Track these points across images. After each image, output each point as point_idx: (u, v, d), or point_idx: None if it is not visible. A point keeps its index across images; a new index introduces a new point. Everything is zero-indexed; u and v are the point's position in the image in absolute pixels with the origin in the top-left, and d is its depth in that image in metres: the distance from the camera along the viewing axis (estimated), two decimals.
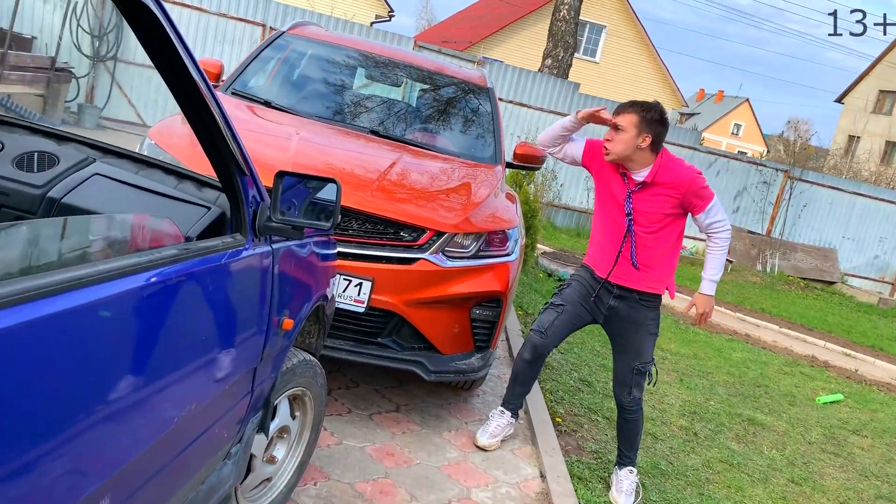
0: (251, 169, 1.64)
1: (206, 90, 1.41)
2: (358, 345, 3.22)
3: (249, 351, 1.76)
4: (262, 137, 3.55)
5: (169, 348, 1.39)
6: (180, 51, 1.32)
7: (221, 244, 1.54)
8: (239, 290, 1.66)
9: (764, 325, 8.94)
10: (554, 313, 3.41)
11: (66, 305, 1.06)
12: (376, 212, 3.16)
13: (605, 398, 4.74)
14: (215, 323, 1.57)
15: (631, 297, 3.32)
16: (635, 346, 3.35)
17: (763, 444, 4.78)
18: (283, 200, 1.73)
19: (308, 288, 2.12)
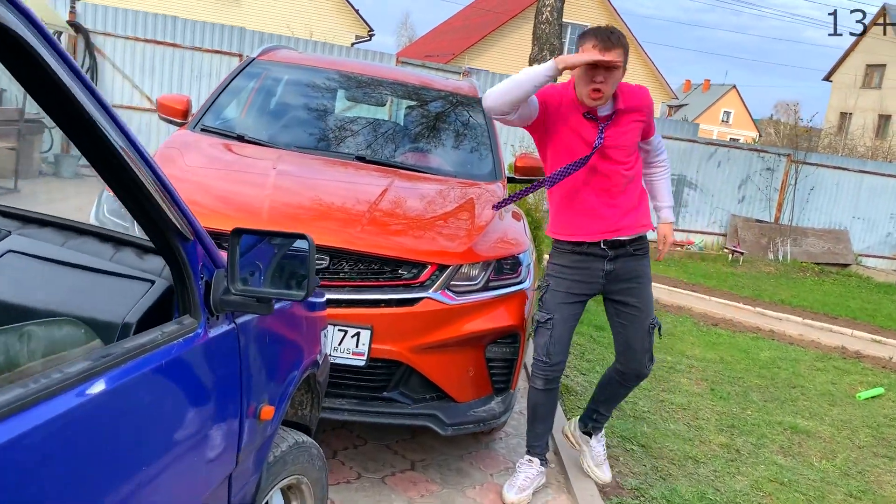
0: (197, 231, 1.28)
1: (118, 137, 1.04)
2: (361, 402, 2.83)
3: (220, 458, 1.39)
4: (235, 177, 3.18)
5: (104, 485, 1.02)
6: (74, 91, 0.96)
7: (161, 336, 1.17)
8: (195, 388, 1.29)
9: (786, 317, 8.57)
10: (546, 332, 3.04)
11: None
12: (369, 250, 2.78)
13: (636, 421, 4.37)
14: (167, 436, 1.20)
15: (624, 252, 3.05)
16: (644, 301, 3.13)
17: (811, 454, 4.40)
18: (244, 265, 1.36)
19: (291, 360, 1.74)
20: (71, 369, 0.98)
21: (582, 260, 3.04)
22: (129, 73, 10.39)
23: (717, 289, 9.88)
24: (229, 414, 1.40)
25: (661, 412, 4.65)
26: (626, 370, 3.24)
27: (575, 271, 3.05)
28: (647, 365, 3.23)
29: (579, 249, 3.04)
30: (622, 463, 3.77)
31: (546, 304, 3.05)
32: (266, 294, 1.38)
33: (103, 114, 1.03)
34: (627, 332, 3.16)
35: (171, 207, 1.19)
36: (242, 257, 1.36)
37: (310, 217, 2.88)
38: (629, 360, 3.21)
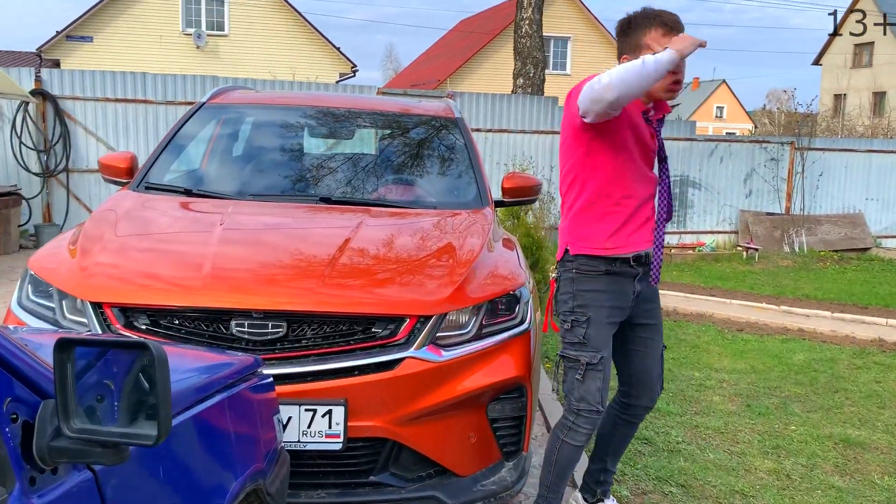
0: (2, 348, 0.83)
1: None
2: (344, 492, 2.36)
3: None
4: (176, 239, 2.75)
5: None
6: None
7: None
8: None
9: (814, 313, 8.07)
10: (598, 376, 2.57)
11: None
12: (334, 309, 2.34)
13: (671, 455, 3.91)
14: None
15: (645, 270, 2.69)
16: (660, 321, 2.89)
17: (871, 470, 3.93)
18: (85, 391, 0.92)
19: (210, 489, 1.28)
20: None
21: (615, 281, 2.60)
22: (103, 135, 10.06)
23: (736, 290, 9.40)
24: None
25: (696, 440, 4.18)
26: (637, 403, 2.86)
27: (611, 296, 2.61)
28: (658, 392, 2.93)
29: (613, 269, 2.59)
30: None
31: (592, 340, 2.56)
32: (109, 437, 0.93)
33: None
34: (646, 358, 2.80)
35: None
36: (80, 380, 0.92)
37: (259, 280, 2.42)
38: (643, 391, 2.84)
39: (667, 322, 7.32)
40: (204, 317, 2.31)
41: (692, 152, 12.20)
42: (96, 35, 22.93)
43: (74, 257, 2.54)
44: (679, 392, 5.07)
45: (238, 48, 23.51)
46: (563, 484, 2.72)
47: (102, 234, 2.68)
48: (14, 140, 9.58)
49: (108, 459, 0.94)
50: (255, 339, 2.29)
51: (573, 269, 2.61)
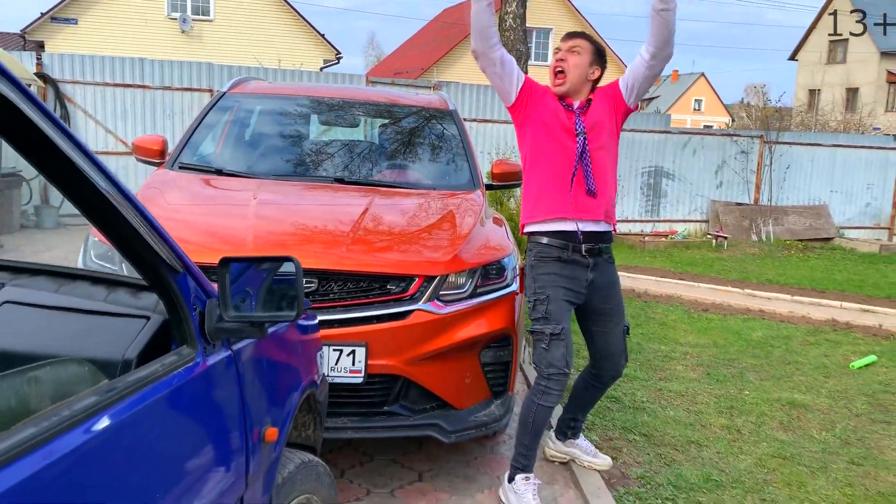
0: (186, 264, 1.32)
1: (101, 179, 1.09)
2: (363, 419, 2.87)
3: (230, 480, 1.43)
4: (217, 210, 3.23)
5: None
6: (56, 139, 1.01)
7: (161, 368, 1.22)
8: (199, 414, 1.33)
9: (775, 296, 8.65)
10: (561, 344, 3.02)
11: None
12: (356, 268, 2.84)
13: (636, 412, 4.43)
14: (177, 462, 1.24)
15: (602, 261, 3.14)
16: (619, 306, 3.27)
17: (811, 427, 4.47)
18: (235, 292, 1.40)
19: (289, 382, 1.78)
20: (79, 405, 1.02)
21: (567, 268, 3.07)
22: (101, 119, 10.41)
23: (705, 275, 9.97)
24: (234, 438, 1.44)
25: (659, 401, 4.70)
26: (604, 373, 3.35)
27: (566, 279, 3.08)
28: (622, 364, 3.37)
29: (563, 256, 3.06)
30: (626, 454, 3.81)
31: (553, 314, 3.01)
32: (259, 318, 1.42)
33: (87, 161, 1.07)
34: (607, 338, 3.27)
35: (160, 244, 1.23)
36: (233, 285, 1.40)
37: (295, 242, 2.93)
38: (607, 364, 3.32)
39: (637, 302, 7.87)
40: None
41: (666, 144, 12.77)
42: (81, 17, 23.00)
43: None
44: (646, 362, 5.61)
45: (223, 33, 23.68)
46: (538, 441, 3.14)
47: (155, 203, 3.14)
48: None
49: (256, 335, 1.42)
50: None
51: (532, 257, 3.13)
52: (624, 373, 5.13)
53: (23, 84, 1.00)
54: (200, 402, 1.34)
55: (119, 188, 1.15)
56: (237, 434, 1.45)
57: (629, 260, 10.70)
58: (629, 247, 11.86)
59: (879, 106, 35.51)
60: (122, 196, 1.15)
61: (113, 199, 1.10)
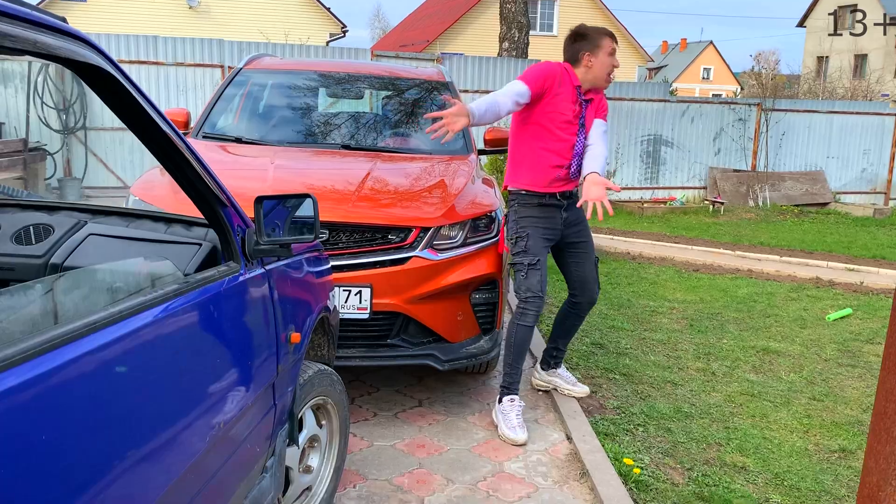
0: (231, 201, 1.77)
1: (178, 139, 1.53)
2: (370, 350, 3.35)
3: (265, 367, 1.89)
4: (240, 173, 3.67)
5: (187, 376, 1.51)
6: (148, 109, 1.44)
7: (217, 273, 1.66)
8: (243, 312, 1.78)
9: (765, 257, 9.02)
10: (537, 272, 3.54)
11: (85, 349, 1.18)
12: (362, 220, 3.29)
13: (619, 357, 4.86)
14: (227, 346, 1.69)
15: (571, 201, 3.67)
16: (590, 240, 3.80)
17: (780, 370, 4.88)
18: (267, 223, 1.85)
19: (308, 301, 2.24)
20: (166, 289, 1.47)
21: (547, 210, 3.61)
22: None
23: (699, 238, 10.33)
24: (268, 334, 1.89)
25: (642, 347, 5.14)
26: (582, 300, 3.85)
27: (545, 220, 3.61)
28: (596, 292, 3.86)
29: (544, 201, 3.59)
30: (605, 389, 4.26)
31: (531, 248, 3.54)
32: (286, 240, 1.88)
33: (165, 123, 1.51)
34: (581, 267, 3.80)
35: (213, 184, 1.68)
36: (265, 218, 1.86)
37: None
38: (584, 291, 3.82)
39: (632, 264, 8.29)
40: None
41: (665, 113, 13.09)
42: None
43: (168, 184, 3.45)
44: (634, 315, 6.03)
45: (230, 8, 23.97)
46: (521, 361, 3.64)
47: None
48: (36, 99, 10.35)
49: (284, 254, 1.89)
50: None
51: (515, 202, 3.67)
52: (611, 323, 5.63)
53: (118, 64, 1.43)
54: (243, 303, 1.79)
55: (185, 142, 1.59)
56: (270, 332, 1.90)
57: (627, 226, 11.08)
58: (628, 213, 12.23)
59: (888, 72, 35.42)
60: (187, 148, 1.59)
61: (183, 150, 1.55)
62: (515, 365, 3.62)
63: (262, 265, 1.91)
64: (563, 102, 3.52)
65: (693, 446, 3.63)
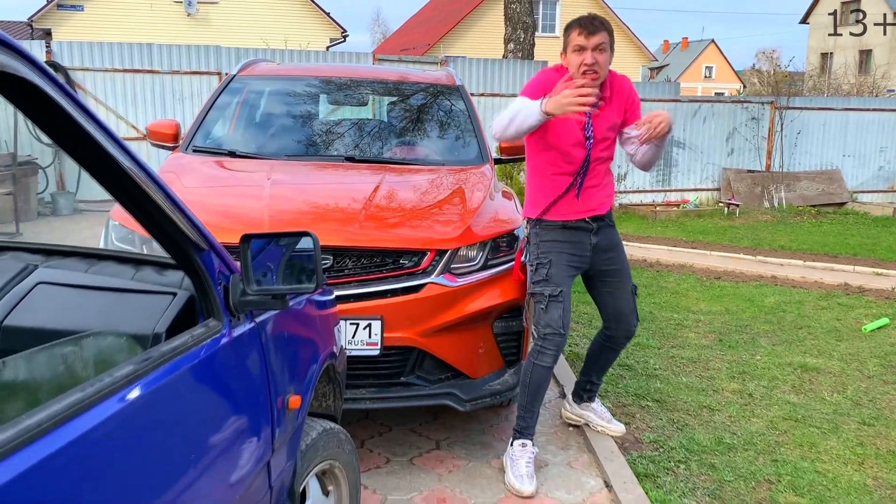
0: (210, 241, 1.39)
1: (132, 165, 1.16)
2: (381, 390, 2.96)
3: (257, 445, 1.52)
4: (233, 191, 3.31)
5: (157, 474, 1.15)
6: (84, 124, 1.07)
7: (192, 339, 1.29)
8: (227, 382, 1.42)
9: (788, 262, 8.66)
10: (559, 305, 3.09)
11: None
12: (369, 244, 2.91)
13: (649, 380, 4.49)
14: (208, 427, 1.33)
15: (603, 224, 3.25)
16: (625, 267, 3.36)
17: (822, 389, 4.52)
18: (256, 267, 1.48)
19: (310, 352, 1.87)
20: (119, 374, 1.10)
21: (573, 234, 3.18)
22: (112, 105, 10.49)
23: (717, 243, 9.98)
24: (261, 405, 1.52)
25: (672, 368, 4.77)
26: (617, 333, 3.42)
27: (570, 245, 3.17)
28: (634, 324, 3.42)
29: (569, 225, 3.17)
30: (638, 419, 3.89)
31: (553, 278, 3.11)
32: (280, 290, 1.50)
33: (114, 145, 1.14)
34: (616, 297, 3.34)
35: (185, 223, 1.31)
36: (254, 260, 1.48)
37: (309, 220, 3.01)
38: (620, 323, 3.38)
39: (650, 272, 7.91)
40: None
41: (676, 113, 12.71)
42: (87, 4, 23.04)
43: None
44: (658, 330, 5.67)
45: (228, 15, 23.67)
46: (537, 404, 3.20)
47: (172, 184, 3.22)
48: None
49: (278, 306, 1.51)
50: None
51: (537, 226, 3.22)
52: (636, 341, 5.25)
53: (50, 72, 1.06)
54: (228, 371, 1.42)
55: (145, 170, 1.22)
56: (263, 401, 1.53)
57: (640, 230, 10.72)
58: (640, 217, 11.87)
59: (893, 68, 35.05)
60: (149, 177, 1.22)
61: (140, 181, 1.17)
62: (530, 408, 3.19)
63: (252, 318, 1.54)
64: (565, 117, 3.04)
65: (741, 485, 3.27)
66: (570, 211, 3.16)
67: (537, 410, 3.22)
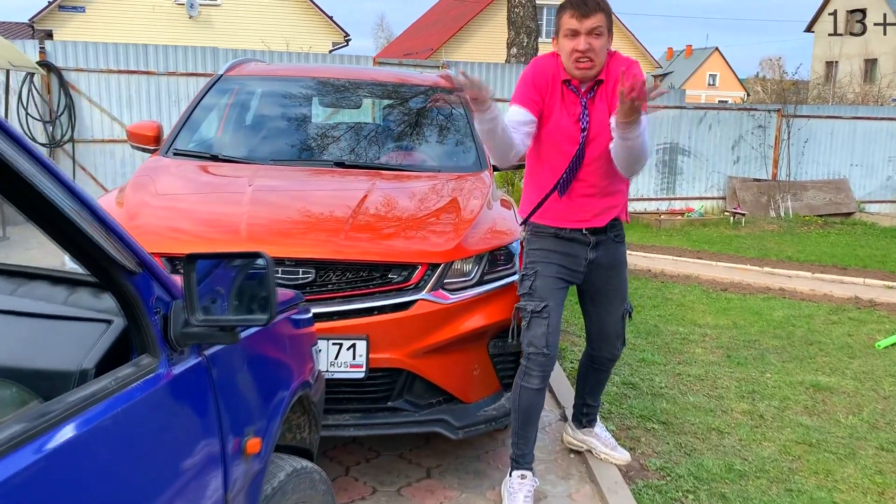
0: (144, 261, 1.17)
1: (31, 166, 0.93)
2: (366, 415, 2.72)
3: (205, 499, 1.28)
4: (211, 197, 3.08)
5: None
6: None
7: (114, 383, 1.06)
8: (164, 432, 1.19)
9: (795, 274, 8.42)
10: (542, 322, 2.78)
11: None
12: (355, 257, 2.68)
13: (654, 398, 4.27)
14: (133, 490, 1.09)
15: (605, 239, 2.92)
16: (621, 289, 3.07)
17: (836, 411, 4.29)
18: (204, 292, 1.25)
19: (276, 385, 1.63)
20: (11, 430, 0.87)
21: (566, 245, 2.90)
22: (107, 106, 10.29)
23: (723, 253, 9.75)
24: (209, 454, 1.29)
25: (678, 386, 4.55)
26: (599, 354, 3.19)
27: (562, 256, 2.89)
28: (619, 348, 3.19)
29: (562, 234, 2.90)
30: (644, 444, 3.66)
31: (538, 291, 2.82)
32: (228, 322, 1.27)
33: (12, 145, 0.92)
34: (603, 319, 3.09)
35: (109, 239, 1.08)
36: (201, 284, 1.25)
37: (290, 230, 2.78)
38: (602, 346, 3.15)
39: (654, 283, 7.68)
40: None
41: (682, 120, 12.49)
42: (89, 5, 22.93)
43: (123, 213, 2.86)
44: (664, 345, 5.44)
45: (230, 18, 23.55)
46: (531, 429, 2.91)
47: (147, 193, 3.00)
48: (20, 111, 9.80)
49: (227, 340, 1.27)
50: (287, 283, 2.63)
51: (528, 231, 2.96)
52: (641, 357, 5.03)
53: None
54: (164, 417, 1.19)
55: (57, 177, 0.99)
56: (212, 449, 1.30)
57: (645, 239, 10.49)
58: (645, 226, 11.64)
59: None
60: (59, 185, 0.99)
61: (42, 187, 0.95)
62: (524, 434, 2.91)
63: (200, 351, 1.30)
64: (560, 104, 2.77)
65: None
66: (559, 216, 2.86)
67: (533, 436, 2.96)
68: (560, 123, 2.79)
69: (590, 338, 3.19)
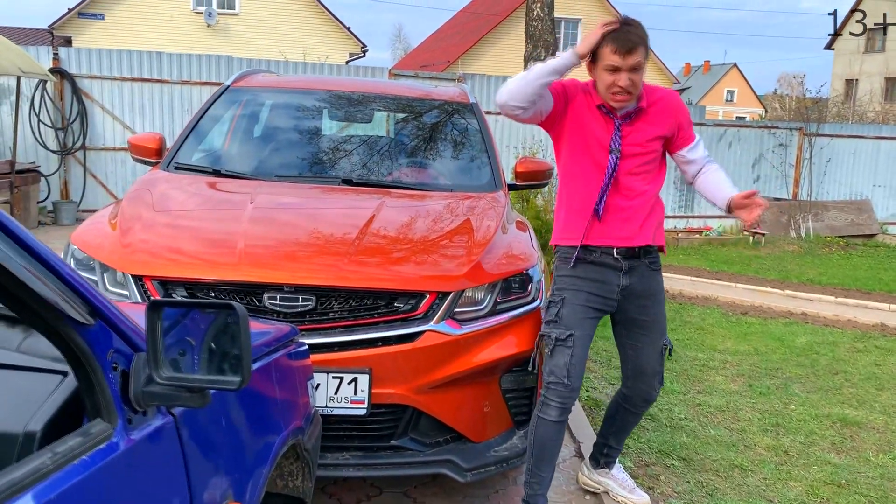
0: (100, 310, 0.99)
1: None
2: (367, 455, 2.53)
3: None
4: (207, 216, 2.91)
5: None
6: None
7: (50, 462, 0.88)
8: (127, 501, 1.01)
9: (818, 297, 8.18)
10: (566, 351, 2.65)
11: None
12: (359, 284, 2.50)
13: (674, 431, 4.06)
14: None
15: (639, 265, 2.80)
16: (659, 320, 2.90)
17: (866, 448, 4.07)
18: (171, 345, 1.08)
19: (262, 436, 1.45)
20: None
21: (597, 271, 2.74)
22: (119, 114, 10.21)
23: (742, 274, 9.52)
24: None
25: (699, 417, 4.33)
26: (633, 394, 2.98)
27: (592, 284, 2.74)
28: (656, 388, 2.98)
29: (591, 258, 2.74)
30: (663, 482, 3.46)
31: (564, 319, 2.68)
32: (196, 383, 1.09)
33: None
34: (639, 353, 2.90)
35: (54, 286, 0.91)
36: (168, 335, 1.08)
37: (290, 253, 2.60)
38: (638, 384, 2.94)
39: (672, 304, 7.45)
40: (238, 290, 2.47)
41: (701, 137, 12.26)
42: (108, 12, 23.01)
43: (115, 232, 2.70)
44: (683, 372, 5.22)
45: (248, 27, 23.56)
46: (545, 466, 2.75)
47: (141, 211, 2.84)
48: (32, 118, 9.73)
49: (195, 402, 1.10)
50: (285, 311, 2.45)
51: (556, 256, 2.81)
52: None
53: None
54: (121, 493, 1.01)
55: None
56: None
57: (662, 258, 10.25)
58: None
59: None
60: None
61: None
62: (537, 472, 2.73)
63: (168, 409, 1.13)
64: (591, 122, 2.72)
65: None
66: (591, 235, 2.74)
67: (548, 475, 2.77)
68: (589, 141, 2.73)
69: (625, 375, 3.00)
